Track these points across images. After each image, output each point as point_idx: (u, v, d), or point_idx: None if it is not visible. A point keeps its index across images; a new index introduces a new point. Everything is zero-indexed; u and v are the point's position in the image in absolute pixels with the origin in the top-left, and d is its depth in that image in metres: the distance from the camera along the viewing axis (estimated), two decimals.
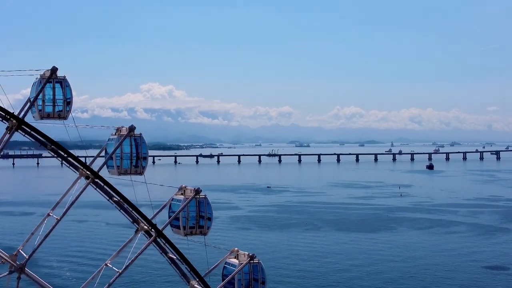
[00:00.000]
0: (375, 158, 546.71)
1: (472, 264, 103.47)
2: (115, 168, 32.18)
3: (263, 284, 34.01)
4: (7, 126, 30.14)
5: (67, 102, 30.93)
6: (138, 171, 32.44)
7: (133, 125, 32.28)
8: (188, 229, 32.77)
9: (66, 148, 31.41)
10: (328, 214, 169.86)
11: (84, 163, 31.77)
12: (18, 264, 30.86)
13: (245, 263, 33.26)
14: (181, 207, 32.69)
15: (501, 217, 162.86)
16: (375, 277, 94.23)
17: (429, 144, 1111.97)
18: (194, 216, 32.88)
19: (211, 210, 33.60)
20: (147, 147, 32.76)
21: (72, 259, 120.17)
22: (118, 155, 32.07)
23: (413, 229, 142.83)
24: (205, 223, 33.15)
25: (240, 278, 33.16)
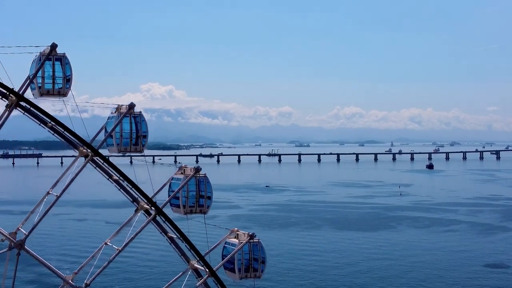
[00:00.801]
0: (375, 158, 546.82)
1: (472, 262, 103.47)
2: (115, 146, 32.14)
3: (263, 263, 34.02)
4: (6, 104, 30.04)
5: (66, 79, 30.81)
6: (138, 149, 32.34)
7: (133, 103, 32.21)
8: (188, 208, 32.67)
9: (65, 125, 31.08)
10: (328, 213, 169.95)
11: (84, 140, 31.49)
12: (18, 241, 30.79)
13: (245, 242, 33.25)
14: (181, 186, 32.61)
15: (501, 216, 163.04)
16: (375, 275, 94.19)
17: (429, 144, 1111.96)
18: (194, 195, 32.85)
19: (211, 189, 33.52)
20: (147, 125, 32.66)
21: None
22: (118, 133, 31.95)
23: (413, 228, 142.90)
24: (205, 202, 33.08)
25: (240, 257, 33.13)
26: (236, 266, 33.06)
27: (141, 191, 32.25)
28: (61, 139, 31.26)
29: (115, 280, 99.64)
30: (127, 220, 33.21)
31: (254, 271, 33.62)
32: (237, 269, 33.07)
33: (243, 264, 33.16)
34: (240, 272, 33.12)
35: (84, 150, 31.45)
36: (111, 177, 32.38)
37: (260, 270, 33.89)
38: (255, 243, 33.63)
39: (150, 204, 32.27)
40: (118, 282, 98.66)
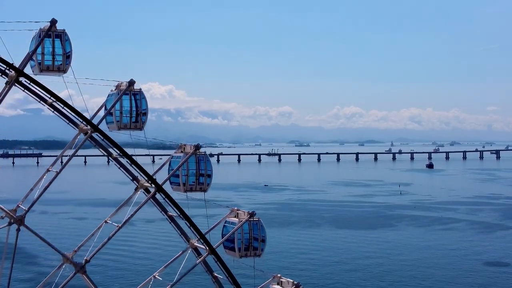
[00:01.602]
0: (375, 157, 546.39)
1: (471, 261, 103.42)
2: (115, 123, 31.83)
3: (263, 242, 33.90)
4: (6, 81, 29.84)
5: (66, 55, 30.56)
6: (138, 126, 32.04)
7: (132, 80, 31.93)
8: (188, 186, 32.47)
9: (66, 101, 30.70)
10: (328, 211, 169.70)
11: (84, 116, 31.15)
12: (18, 216, 30.72)
13: (245, 221, 33.12)
14: (181, 163, 32.41)
15: (501, 214, 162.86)
16: (375, 273, 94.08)
17: (429, 144, 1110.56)
18: (194, 173, 32.65)
19: (211, 167, 33.28)
20: (147, 102, 32.34)
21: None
22: (118, 111, 31.67)
23: (413, 226, 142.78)
24: (205, 180, 32.87)
25: (240, 236, 33.02)
26: (236, 245, 32.96)
27: (141, 168, 31.95)
28: (60, 116, 30.94)
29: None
30: (127, 199, 33.00)
31: (254, 249, 33.51)
32: (237, 247, 32.95)
33: (243, 243, 33.02)
34: (240, 251, 32.99)
35: (84, 127, 31.15)
36: (110, 155, 32.16)
37: (260, 249, 33.77)
38: (255, 222, 33.47)
39: (150, 181, 32.06)
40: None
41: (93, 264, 33.66)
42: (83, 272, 31.24)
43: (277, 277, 34.12)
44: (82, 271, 31.25)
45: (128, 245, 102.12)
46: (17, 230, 30.65)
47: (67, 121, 31.05)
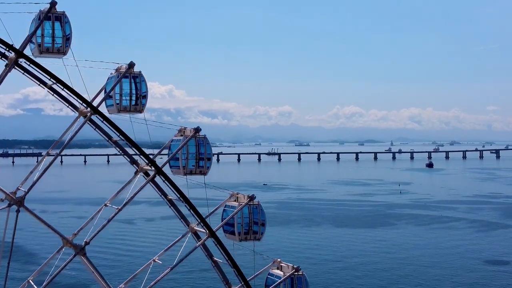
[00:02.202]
0: (374, 157, 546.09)
1: (471, 259, 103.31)
2: (115, 105, 31.65)
3: (263, 225, 33.91)
4: (5, 63, 29.66)
5: (66, 38, 30.44)
6: (138, 109, 31.93)
7: (132, 62, 31.75)
8: (187, 169, 32.34)
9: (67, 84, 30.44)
10: (328, 210, 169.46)
11: (84, 98, 30.87)
12: (17, 198, 30.62)
13: (244, 204, 33.15)
14: (180, 146, 32.31)
15: (501, 213, 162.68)
16: (375, 271, 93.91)
17: (428, 144, 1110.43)
18: (193, 156, 32.52)
19: (210, 151, 33.16)
20: (146, 85, 32.14)
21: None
22: (117, 94, 31.50)
23: (413, 225, 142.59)
24: (204, 163, 32.75)
25: (240, 220, 33.04)
26: (236, 229, 32.99)
27: (141, 150, 31.79)
28: (60, 99, 30.80)
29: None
30: (126, 182, 32.87)
31: (254, 233, 33.48)
32: (237, 231, 32.96)
33: (242, 227, 33.06)
34: (240, 235, 33.00)
35: (83, 110, 30.98)
36: (110, 138, 31.95)
37: (260, 233, 33.73)
38: (254, 205, 33.45)
39: (150, 163, 31.95)
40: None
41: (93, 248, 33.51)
42: (82, 254, 31.15)
43: (277, 261, 34.17)
44: (82, 253, 31.17)
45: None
46: (17, 212, 30.50)
47: (67, 104, 30.88)
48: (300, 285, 33.40)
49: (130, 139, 31.26)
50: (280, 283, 33.09)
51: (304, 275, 33.79)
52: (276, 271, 34.10)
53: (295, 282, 33.30)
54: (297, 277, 33.46)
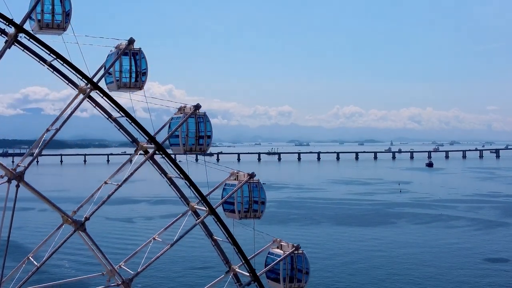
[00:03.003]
0: (374, 156, 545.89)
1: (471, 257, 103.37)
2: (114, 82, 31.47)
3: (263, 203, 33.98)
4: (5, 40, 29.51)
5: (66, 13, 30.34)
6: (138, 86, 31.78)
7: (132, 38, 31.61)
8: (187, 146, 32.27)
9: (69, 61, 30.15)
10: (327, 209, 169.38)
11: (84, 73, 30.56)
12: (17, 172, 30.57)
13: (244, 182, 33.20)
14: (180, 123, 32.29)
15: (500, 212, 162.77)
16: (375, 269, 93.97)
17: (428, 143, 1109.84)
18: (193, 133, 32.39)
19: (210, 128, 33.00)
20: (147, 62, 31.93)
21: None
22: (117, 72, 31.28)
23: (413, 224, 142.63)
24: (204, 141, 32.70)
25: (240, 199, 33.00)
26: (236, 207, 33.00)
27: (141, 127, 31.62)
28: (60, 77, 30.65)
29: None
30: (126, 160, 32.84)
31: (253, 211, 33.50)
32: (237, 209, 32.99)
33: (242, 205, 33.04)
34: (240, 213, 33.01)
35: (83, 87, 30.81)
36: (110, 116, 31.80)
37: (260, 210, 33.78)
38: (254, 183, 33.48)
39: (150, 139, 31.82)
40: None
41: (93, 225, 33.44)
42: (82, 230, 31.10)
43: (277, 241, 34.16)
44: (82, 229, 31.11)
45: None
46: (17, 187, 30.40)
47: (66, 82, 30.73)
48: (300, 264, 33.46)
49: (130, 115, 31.09)
50: (280, 262, 33.12)
51: (304, 254, 33.86)
52: (276, 250, 34.17)
53: (295, 261, 33.36)
54: (297, 256, 33.51)
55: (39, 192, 30.75)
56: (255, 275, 33.25)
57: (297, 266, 33.37)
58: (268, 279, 33.71)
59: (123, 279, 31.89)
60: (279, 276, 32.87)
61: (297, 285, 33.35)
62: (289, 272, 33.09)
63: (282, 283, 32.90)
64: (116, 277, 31.88)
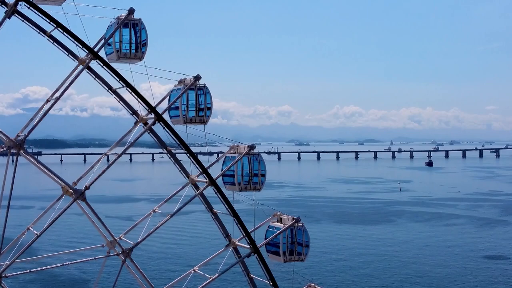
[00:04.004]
0: (374, 156, 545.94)
1: (471, 254, 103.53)
2: (114, 52, 31.30)
3: (263, 176, 34.08)
4: (5, 10, 29.31)
5: None
6: (138, 56, 31.58)
7: (132, 8, 31.42)
8: (187, 118, 32.27)
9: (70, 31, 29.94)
10: (327, 207, 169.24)
11: (84, 42, 30.36)
12: (17, 141, 30.55)
13: (243, 154, 33.17)
14: (180, 94, 32.21)
15: (500, 210, 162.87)
16: (374, 266, 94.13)
17: (428, 143, 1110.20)
18: (193, 104, 32.35)
19: (210, 100, 32.93)
20: (146, 33, 31.76)
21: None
22: (117, 43, 31.15)
23: (413, 222, 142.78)
24: (204, 113, 32.61)
25: (240, 172, 33.09)
26: (236, 179, 33.08)
27: (141, 96, 31.51)
28: (60, 48, 30.51)
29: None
30: (126, 132, 32.76)
31: (253, 183, 33.58)
32: (237, 182, 33.11)
33: (242, 177, 33.11)
34: (240, 185, 33.11)
35: (83, 58, 30.64)
36: (110, 88, 31.65)
37: (260, 183, 33.85)
38: (254, 156, 33.41)
39: (150, 109, 31.73)
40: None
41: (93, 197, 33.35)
42: (82, 199, 31.07)
43: (277, 214, 34.17)
44: (82, 198, 31.06)
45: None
46: (17, 156, 30.39)
47: (67, 53, 30.58)
48: (300, 237, 33.45)
49: (130, 85, 30.92)
50: (280, 234, 33.11)
51: (304, 226, 33.87)
52: (276, 223, 34.19)
53: (295, 233, 33.36)
54: (297, 228, 33.51)
55: (40, 161, 30.66)
56: (255, 247, 33.29)
57: (297, 239, 33.35)
58: (268, 252, 33.77)
59: (123, 249, 31.89)
60: (279, 249, 32.86)
61: (297, 257, 33.42)
62: (289, 245, 33.10)
63: (282, 256, 32.93)
64: (116, 248, 31.85)
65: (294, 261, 33.37)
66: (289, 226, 33.44)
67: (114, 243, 31.76)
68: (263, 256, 33.46)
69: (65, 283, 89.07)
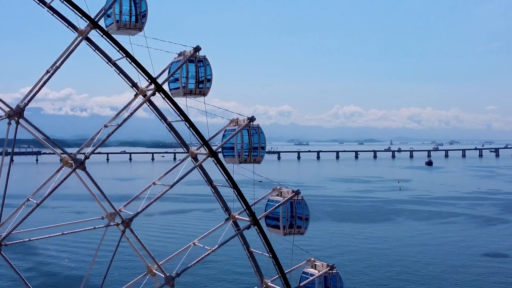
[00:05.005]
0: (374, 155, 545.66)
1: (470, 252, 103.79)
2: (114, 23, 31.29)
3: (263, 149, 34.08)
4: None
5: None
6: (138, 27, 31.57)
7: None
8: (187, 89, 32.10)
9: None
10: (327, 206, 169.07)
11: (84, 11, 30.22)
12: (16, 108, 30.37)
13: (243, 126, 33.15)
14: (179, 65, 32.08)
15: (500, 209, 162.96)
16: (374, 264, 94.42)
17: (428, 143, 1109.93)
18: (193, 76, 32.26)
19: (210, 71, 32.65)
20: (147, 4, 31.71)
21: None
22: (117, 14, 31.02)
23: (413, 220, 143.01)
24: (204, 85, 32.49)
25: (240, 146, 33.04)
26: (236, 152, 33.06)
27: (142, 68, 31.30)
28: (60, 19, 30.34)
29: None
30: (126, 105, 32.72)
31: (253, 156, 33.58)
32: (237, 154, 33.09)
33: (242, 149, 33.08)
34: (239, 157, 33.10)
35: (83, 29, 30.52)
36: (110, 60, 31.53)
37: (259, 155, 33.85)
38: (254, 128, 33.37)
39: (150, 79, 31.59)
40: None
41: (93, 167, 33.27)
42: (82, 168, 31.15)
43: (277, 189, 34.49)
44: (82, 167, 31.15)
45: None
46: (16, 123, 30.26)
47: (66, 24, 30.50)
48: (300, 210, 33.52)
49: (130, 55, 30.81)
50: (279, 207, 33.20)
51: (304, 199, 34.01)
52: (276, 197, 34.44)
53: (295, 206, 33.48)
54: (297, 201, 33.62)
55: (40, 130, 30.59)
56: (255, 219, 33.34)
57: (297, 212, 33.36)
58: (268, 226, 33.82)
59: (122, 219, 31.85)
60: (279, 222, 32.89)
61: (296, 231, 33.42)
62: (288, 218, 33.12)
63: (282, 229, 32.96)
64: (116, 219, 31.82)
65: (294, 234, 33.40)
66: (289, 198, 33.50)
67: (114, 215, 31.78)
68: (263, 229, 33.46)
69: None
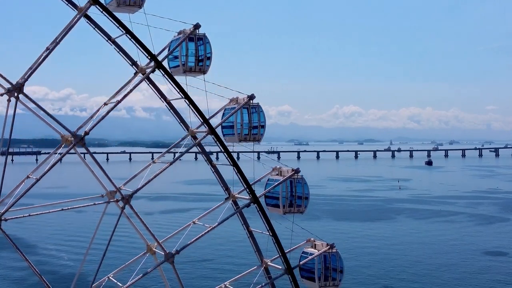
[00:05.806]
0: (374, 155, 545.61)
1: (470, 250, 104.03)
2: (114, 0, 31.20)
3: (263, 127, 34.03)
4: None
5: None
6: (138, 3, 31.44)
7: None
8: (187, 67, 31.97)
9: None
10: (327, 205, 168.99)
11: None
12: (16, 84, 30.29)
13: (243, 104, 33.08)
14: (179, 43, 31.96)
15: (499, 208, 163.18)
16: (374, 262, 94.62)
17: (428, 143, 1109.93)
18: (193, 53, 32.07)
19: (210, 50, 32.56)
20: None
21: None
22: None
23: (412, 219, 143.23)
24: (204, 63, 32.32)
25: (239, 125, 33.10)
26: (235, 130, 33.01)
27: (142, 45, 31.12)
28: None
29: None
30: (126, 83, 32.58)
31: (253, 134, 33.56)
32: (237, 133, 33.07)
33: (242, 127, 33.06)
34: (239, 135, 33.08)
35: (82, 7, 30.22)
36: (109, 38, 31.35)
37: (259, 134, 33.84)
38: (254, 107, 33.20)
39: (150, 56, 31.42)
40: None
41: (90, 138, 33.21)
42: (82, 144, 31.21)
43: (277, 168, 34.54)
44: (82, 143, 31.22)
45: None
46: (16, 98, 30.15)
47: (66, 2, 30.38)
48: (300, 189, 33.55)
49: (130, 31, 30.65)
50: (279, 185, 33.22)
51: (304, 179, 34.00)
52: (276, 177, 34.47)
53: (295, 185, 33.56)
54: (297, 180, 33.65)
55: (40, 106, 30.58)
56: (254, 196, 33.38)
57: (297, 192, 33.42)
58: (268, 205, 33.94)
59: (122, 195, 31.81)
60: (279, 201, 32.94)
61: (296, 209, 33.49)
62: (288, 197, 33.17)
63: (282, 208, 33.02)
64: (116, 196, 31.85)
65: (293, 213, 33.54)
66: (289, 177, 33.55)
67: (114, 193, 31.80)
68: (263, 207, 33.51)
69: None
